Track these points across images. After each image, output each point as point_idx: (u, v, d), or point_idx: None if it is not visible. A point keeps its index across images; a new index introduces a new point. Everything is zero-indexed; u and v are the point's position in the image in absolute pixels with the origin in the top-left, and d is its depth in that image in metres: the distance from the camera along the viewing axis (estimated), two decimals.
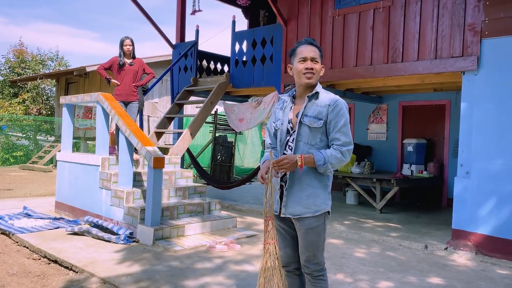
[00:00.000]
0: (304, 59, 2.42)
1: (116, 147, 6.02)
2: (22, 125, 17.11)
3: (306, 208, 2.38)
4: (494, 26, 4.84)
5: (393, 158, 9.12)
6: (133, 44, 6.45)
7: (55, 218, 6.20)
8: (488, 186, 4.90)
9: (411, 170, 8.38)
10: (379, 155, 9.31)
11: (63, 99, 6.87)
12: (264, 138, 14.92)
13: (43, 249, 4.61)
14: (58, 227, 5.71)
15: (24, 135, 17.24)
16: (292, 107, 2.54)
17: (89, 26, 76.44)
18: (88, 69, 13.33)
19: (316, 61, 2.42)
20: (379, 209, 7.30)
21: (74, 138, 16.07)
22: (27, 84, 19.52)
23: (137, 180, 5.96)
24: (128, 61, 6.43)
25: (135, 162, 6.08)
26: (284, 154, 2.50)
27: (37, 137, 17.47)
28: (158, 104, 15.27)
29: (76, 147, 15.34)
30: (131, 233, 5.21)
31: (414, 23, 5.54)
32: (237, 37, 7.86)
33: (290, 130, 2.48)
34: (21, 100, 19.07)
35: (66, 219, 6.17)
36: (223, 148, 11.56)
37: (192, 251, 4.77)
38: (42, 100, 19.97)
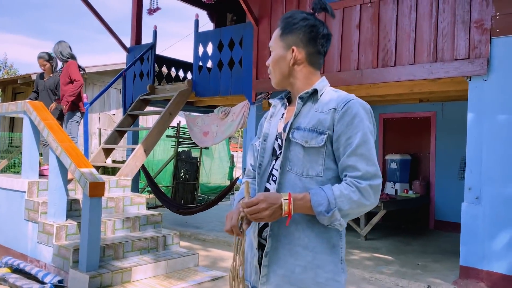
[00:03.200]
0: None
1: None
2: None
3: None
4: (507, 22, 4.06)
5: None
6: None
7: None
8: (503, 214, 4.06)
9: (395, 189, 7.57)
10: None
11: None
12: (232, 153, 13.88)
13: None
14: None
15: None
16: (284, 115, 1.56)
17: (52, 37, 73.47)
18: (34, 77, 11.90)
19: (272, 51, 1.55)
20: (363, 235, 6.39)
21: (20, 154, 14.51)
22: None
23: (73, 209, 4.78)
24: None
25: (72, 183, 4.91)
26: (266, 189, 1.51)
27: None
28: (116, 116, 13.96)
29: (19, 166, 13.73)
30: (60, 281, 4.02)
31: (409, 20, 4.71)
32: (200, 38, 6.85)
33: (278, 150, 1.50)
34: None
35: None
36: (187, 165, 10.43)
37: None
38: None
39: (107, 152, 6.60)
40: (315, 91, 1.48)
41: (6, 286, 4.07)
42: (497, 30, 4.11)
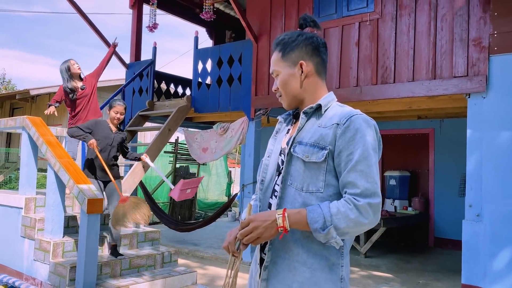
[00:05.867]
0: None
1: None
2: None
3: None
4: (504, 40, 4.11)
5: None
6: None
7: None
8: (504, 231, 4.03)
9: (395, 206, 7.54)
10: None
11: None
12: (230, 169, 13.83)
13: None
14: None
15: None
16: (290, 130, 1.56)
17: (46, 52, 73.83)
18: (33, 92, 11.92)
19: (278, 74, 1.54)
20: (363, 252, 6.32)
21: (16, 170, 14.40)
22: None
23: (70, 226, 4.71)
24: (79, 85, 5.23)
25: (69, 199, 4.85)
26: (269, 205, 1.51)
27: None
28: None
29: (18, 182, 13.63)
30: None
31: (408, 38, 4.76)
32: (200, 55, 6.89)
33: (281, 165, 1.49)
34: None
35: None
36: None
37: None
38: None
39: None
40: (319, 106, 1.47)
41: None
42: (495, 48, 4.15)
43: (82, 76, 5.34)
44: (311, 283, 1.37)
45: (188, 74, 11.05)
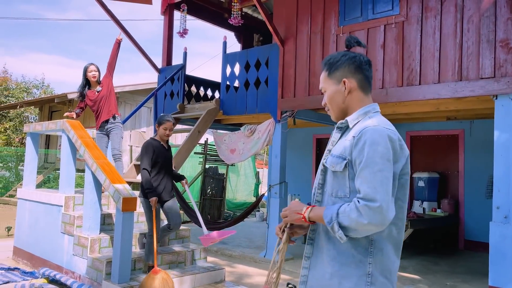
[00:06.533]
0: None
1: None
2: (3, 155, 16.07)
3: None
4: None
5: None
6: (99, 71, 5.54)
7: (9, 269, 5.16)
8: None
9: (423, 208, 7.48)
10: None
11: (27, 128, 5.96)
12: (258, 170, 13.99)
13: None
14: (8, 281, 4.67)
15: (4, 166, 16.16)
16: (338, 142, 1.72)
17: (82, 56, 76.43)
18: (70, 96, 12.47)
19: (325, 90, 1.75)
20: None
21: (54, 170, 15.06)
22: (9, 113, 18.58)
23: (106, 223, 4.99)
24: (94, 89, 5.54)
25: (104, 198, 5.13)
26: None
27: (18, 168, 16.40)
28: (146, 134, 14.36)
29: (55, 182, 14.28)
30: None
31: (433, 39, 4.77)
32: (228, 59, 7.08)
33: (319, 174, 1.74)
34: (2, 129, 18.06)
35: (21, 270, 5.12)
36: (214, 181, 10.62)
37: None
38: None
39: (138, 168, 6.84)
40: (347, 120, 1.65)
41: None
42: None
43: (100, 80, 5.57)
44: (339, 275, 1.56)
45: (217, 76, 11.31)
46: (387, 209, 1.44)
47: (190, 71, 8.90)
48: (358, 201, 1.46)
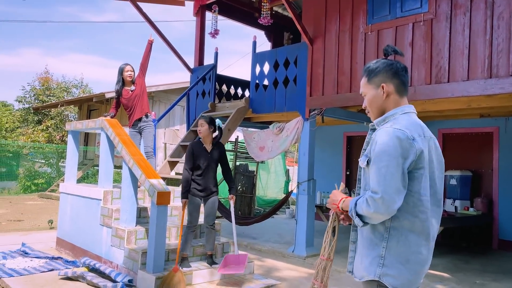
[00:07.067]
0: None
1: None
2: (45, 152, 16.93)
3: (356, 269, 1.95)
4: None
5: None
6: (134, 71, 5.83)
7: (53, 258, 5.54)
8: None
9: (455, 206, 7.38)
10: None
11: (68, 126, 6.34)
12: (288, 167, 14.09)
13: None
14: (52, 269, 5.03)
15: (46, 162, 17.03)
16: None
17: (119, 56, 78.76)
18: (107, 95, 13.01)
19: (365, 94, 1.98)
20: None
21: (93, 166, 15.75)
22: (50, 111, 19.49)
23: (142, 216, 5.26)
24: (129, 88, 5.83)
25: (140, 192, 5.41)
26: None
27: (59, 164, 17.24)
28: (180, 132, 14.76)
29: (93, 178, 14.93)
30: (130, 281, 4.47)
31: (463, 37, 4.74)
32: (257, 58, 7.23)
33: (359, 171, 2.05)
34: (44, 127, 18.97)
35: (64, 259, 5.49)
36: (244, 178, 10.81)
37: None
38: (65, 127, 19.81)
39: (172, 164, 7.13)
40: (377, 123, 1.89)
41: (84, 283, 4.58)
42: None
43: (134, 80, 5.84)
44: (361, 255, 1.88)
45: (246, 74, 11.50)
46: (389, 200, 1.65)
47: (222, 69, 9.12)
48: (367, 193, 1.72)
